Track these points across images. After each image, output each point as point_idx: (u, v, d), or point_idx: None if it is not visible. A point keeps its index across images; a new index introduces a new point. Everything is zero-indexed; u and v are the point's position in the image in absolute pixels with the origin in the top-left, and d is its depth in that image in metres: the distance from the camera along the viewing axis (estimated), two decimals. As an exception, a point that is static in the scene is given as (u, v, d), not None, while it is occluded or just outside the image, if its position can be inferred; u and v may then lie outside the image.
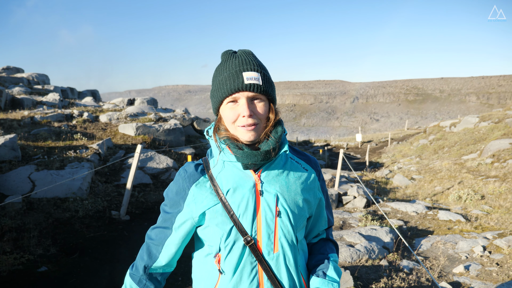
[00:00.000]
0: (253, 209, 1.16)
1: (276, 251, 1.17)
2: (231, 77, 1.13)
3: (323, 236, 1.40)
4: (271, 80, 1.20)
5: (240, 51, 1.20)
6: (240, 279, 1.16)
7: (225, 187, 1.18)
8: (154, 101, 19.75)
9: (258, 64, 1.17)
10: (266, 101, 1.17)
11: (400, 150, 22.12)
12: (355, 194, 8.01)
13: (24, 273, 3.99)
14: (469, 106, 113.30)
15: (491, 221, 6.63)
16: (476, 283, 4.04)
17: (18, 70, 23.72)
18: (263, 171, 1.20)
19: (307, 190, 1.26)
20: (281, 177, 1.22)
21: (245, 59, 1.16)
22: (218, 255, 1.19)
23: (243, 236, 1.15)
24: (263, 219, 1.17)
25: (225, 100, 1.15)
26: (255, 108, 1.14)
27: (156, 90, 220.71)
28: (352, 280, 3.77)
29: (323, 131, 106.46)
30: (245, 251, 1.16)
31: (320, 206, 1.34)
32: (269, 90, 1.16)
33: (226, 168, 1.21)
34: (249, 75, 1.12)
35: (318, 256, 1.33)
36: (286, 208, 1.19)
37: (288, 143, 1.33)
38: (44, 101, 14.73)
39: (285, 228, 1.18)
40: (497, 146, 13.08)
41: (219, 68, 1.19)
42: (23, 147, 7.95)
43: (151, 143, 10.55)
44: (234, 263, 1.16)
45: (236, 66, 1.14)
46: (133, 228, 5.65)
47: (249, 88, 1.11)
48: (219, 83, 1.15)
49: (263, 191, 1.18)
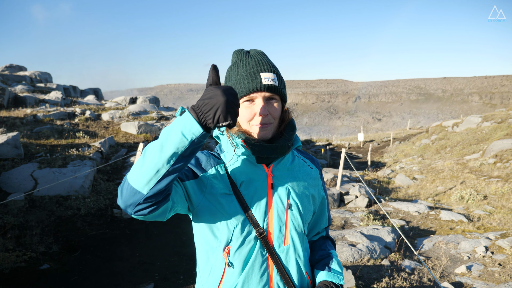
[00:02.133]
0: (265, 201, 1.19)
1: (286, 243, 1.20)
2: (249, 77, 1.16)
3: (323, 234, 1.45)
4: (284, 80, 1.24)
5: (254, 51, 1.24)
6: (251, 272, 1.16)
7: (239, 179, 1.21)
8: (156, 100, 19.76)
9: (272, 65, 1.21)
10: (279, 101, 1.21)
11: (402, 149, 22.07)
12: (357, 194, 7.99)
13: (27, 271, 4.00)
14: (471, 106, 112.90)
15: (493, 221, 6.60)
16: (478, 283, 4.03)
17: (21, 68, 23.77)
18: (274, 166, 1.24)
19: (312, 186, 1.32)
20: (290, 172, 1.27)
21: (260, 60, 1.20)
22: (228, 248, 1.17)
23: (256, 228, 1.16)
24: (275, 212, 1.20)
25: (242, 99, 1.18)
26: (270, 108, 1.17)
27: (158, 89, 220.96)
28: (354, 279, 3.76)
29: (325, 130, 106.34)
30: (257, 244, 1.17)
31: (323, 205, 1.40)
32: (284, 90, 1.21)
33: (239, 162, 1.23)
34: (266, 76, 1.15)
35: (321, 252, 1.37)
36: (296, 201, 1.23)
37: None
38: (47, 99, 14.76)
39: (296, 221, 1.22)
40: (500, 146, 13.02)
41: (234, 67, 1.22)
42: (25, 145, 7.98)
43: (153, 141, 10.57)
44: (245, 256, 1.16)
45: (254, 66, 1.17)
46: (134, 227, 5.66)
47: (267, 88, 1.14)
48: (236, 82, 1.18)
49: (275, 185, 1.22)
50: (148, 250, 4.86)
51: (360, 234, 5.18)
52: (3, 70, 22.33)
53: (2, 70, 22.31)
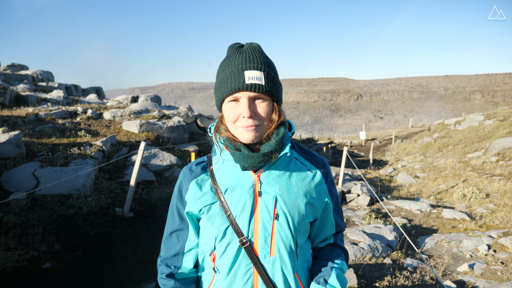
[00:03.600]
0: (250, 210, 1.13)
1: (272, 255, 1.13)
2: (232, 75, 1.07)
3: (331, 241, 1.33)
4: (277, 79, 1.13)
5: (247, 45, 1.13)
6: (234, 279, 1.14)
7: (224, 185, 1.16)
8: (158, 99, 19.77)
9: (263, 61, 1.09)
10: (269, 101, 1.10)
11: (404, 148, 22.02)
12: (359, 192, 7.98)
13: (28, 269, 4.01)
14: (474, 104, 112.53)
15: (496, 219, 6.58)
16: (480, 282, 4.01)
17: (23, 67, 23.82)
18: (264, 171, 1.16)
19: (310, 192, 1.20)
20: (282, 179, 1.17)
21: (249, 55, 1.09)
22: (213, 254, 1.18)
23: (239, 237, 1.12)
24: (260, 221, 1.13)
25: (226, 98, 1.10)
26: (256, 109, 1.08)
27: (160, 88, 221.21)
28: (356, 278, 3.76)
29: (327, 128, 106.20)
30: (240, 253, 1.14)
31: (327, 210, 1.27)
32: (273, 90, 1.09)
33: (226, 166, 1.19)
34: (251, 74, 1.05)
35: (322, 262, 1.28)
36: (285, 211, 1.14)
37: (295, 142, 1.30)
38: (49, 98, 14.78)
39: (283, 232, 1.14)
40: (502, 144, 12.97)
41: (223, 64, 1.13)
42: (27, 144, 7.99)
43: (154, 140, 10.58)
44: (229, 264, 1.14)
45: (239, 63, 1.07)
46: (136, 225, 5.67)
47: (250, 88, 1.05)
48: (221, 81, 1.10)
49: (262, 192, 1.14)
50: (150, 249, 4.86)
51: (362, 233, 5.17)
52: (5, 69, 22.38)
53: (4, 69, 22.36)
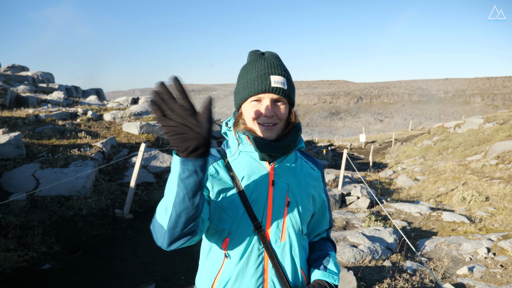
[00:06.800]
0: (265, 197, 1.23)
1: (283, 239, 1.24)
2: (259, 78, 1.20)
3: (324, 236, 1.49)
4: (294, 84, 1.29)
5: (268, 53, 1.29)
6: (246, 264, 1.20)
7: (240, 174, 1.25)
8: (158, 100, 19.78)
9: (284, 69, 1.25)
10: (287, 104, 1.25)
11: (404, 151, 22.03)
12: (359, 195, 7.98)
13: (28, 271, 4.01)
14: (473, 107, 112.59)
15: (495, 222, 6.58)
16: (480, 285, 4.02)
17: (23, 69, 23.85)
18: (276, 164, 1.28)
19: (313, 187, 1.35)
20: (292, 172, 1.31)
21: (273, 62, 1.24)
22: (226, 240, 1.22)
23: (253, 222, 1.20)
24: (273, 207, 1.24)
25: (250, 98, 1.22)
26: (277, 110, 1.21)
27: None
28: (356, 280, 3.75)
29: (327, 131, 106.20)
30: (254, 237, 1.21)
31: (324, 207, 1.43)
32: (292, 94, 1.25)
33: (242, 157, 1.28)
34: (276, 79, 1.20)
35: (319, 252, 1.40)
36: (296, 199, 1.27)
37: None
38: (49, 100, 14.80)
39: (294, 218, 1.25)
40: (502, 147, 12.99)
41: (247, 67, 1.26)
42: (27, 145, 8.00)
43: (154, 142, 10.58)
44: (242, 248, 1.21)
45: (265, 68, 1.22)
46: (136, 227, 5.67)
47: (275, 91, 1.19)
48: (247, 82, 1.22)
49: (276, 182, 1.25)
50: (150, 250, 4.86)
51: (362, 235, 5.17)
52: (6, 70, 22.42)
53: (5, 70, 22.39)
